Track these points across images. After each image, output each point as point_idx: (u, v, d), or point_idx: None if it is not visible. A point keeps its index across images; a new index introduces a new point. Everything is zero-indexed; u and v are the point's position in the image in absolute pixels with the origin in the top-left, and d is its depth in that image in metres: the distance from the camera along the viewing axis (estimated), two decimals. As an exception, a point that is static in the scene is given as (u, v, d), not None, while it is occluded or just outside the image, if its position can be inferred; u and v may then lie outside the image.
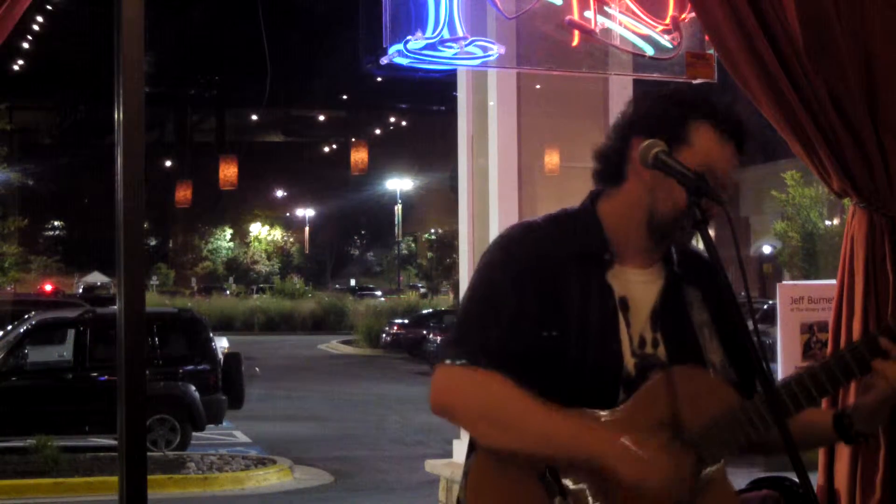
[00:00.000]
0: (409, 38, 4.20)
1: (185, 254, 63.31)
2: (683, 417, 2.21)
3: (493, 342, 2.18)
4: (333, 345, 34.59)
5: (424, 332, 29.74)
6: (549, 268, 2.25)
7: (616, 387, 2.24)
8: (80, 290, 44.76)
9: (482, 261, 2.32)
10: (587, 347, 2.23)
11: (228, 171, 25.03)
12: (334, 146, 63.81)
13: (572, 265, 2.27)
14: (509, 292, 2.22)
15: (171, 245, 64.63)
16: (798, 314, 4.16)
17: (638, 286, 2.32)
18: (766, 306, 18.41)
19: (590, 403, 2.20)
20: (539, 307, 2.21)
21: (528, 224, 2.38)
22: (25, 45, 30.47)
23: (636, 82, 4.81)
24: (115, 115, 3.36)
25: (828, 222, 24.72)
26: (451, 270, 47.39)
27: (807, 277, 23.26)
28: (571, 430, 2.13)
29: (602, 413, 2.21)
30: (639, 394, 2.23)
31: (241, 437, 15.09)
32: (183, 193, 34.37)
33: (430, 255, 54.34)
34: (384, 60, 4.30)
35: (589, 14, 4.36)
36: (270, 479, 12.05)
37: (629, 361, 2.26)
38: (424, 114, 54.83)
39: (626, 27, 4.46)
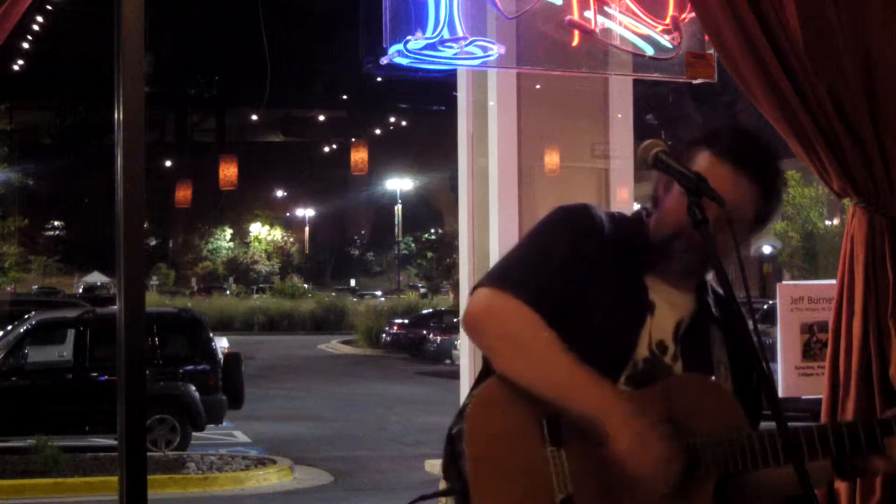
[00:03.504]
0: (409, 38, 4.20)
1: (185, 254, 63.31)
2: (692, 422, 2.22)
3: (535, 284, 2.24)
4: (333, 345, 34.60)
5: (424, 332, 29.76)
6: (600, 244, 2.33)
7: (620, 369, 2.27)
8: (80, 290, 44.77)
9: (543, 220, 2.40)
10: (608, 327, 2.28)
11: (228, 171, 25.03)
12: (334, 146, 63.81)
13: (619, 252, 2.34)
14: (563, 248, 2.31)
15: (171, 245, 64.63)
16: (798, 314, 4.16)
17: (668, 301, 2.36)
18: (766, 306, 18.40)
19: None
20: (583, 273, 2.29)
21: (589, 205, 2.46)
22: (25, 45, 30.48)
23: (636, 82, 4.81)
24: (115, 115, 3.36)
25: (828, 222, 24.74)
26: (451, 270, 47.36)
27: (807, 277, 23.27)
28: (587, 383, 2.16)
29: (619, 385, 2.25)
30: (653, 388, 2.24)
31: (241, 437, 15.09)
32: (183, 193, 34.38)
33: (430, 255, 54.35)
34: (384, 60, 4.30)
35: (589, 14, 4.36)
36: (270, 479, 12.06)
37: (641, 354, 2.29)
38: (424, 114, 54.82)
39: (626, 27, 4.46)
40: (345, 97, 62.05)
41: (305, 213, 64.52)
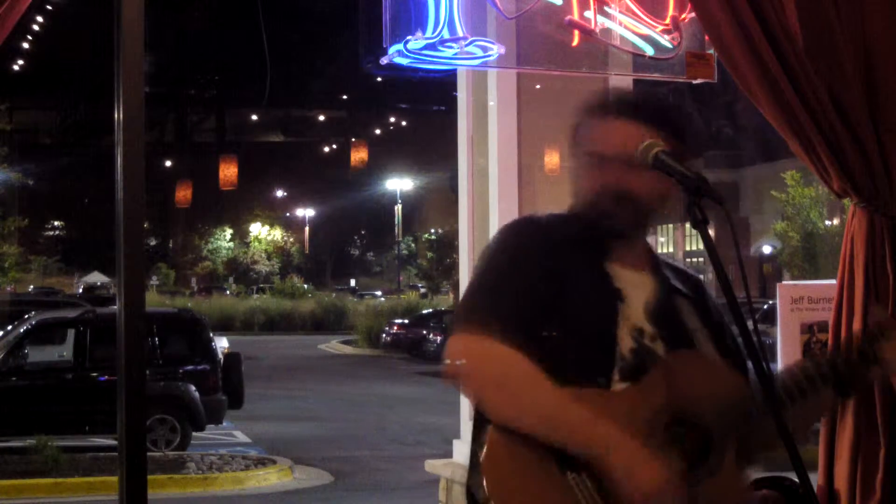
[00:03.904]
0: (409, 38, 4.20)
1: (185, 254, 63.33)
2: (695, 398, 2.23)
3: (504, 314, 2.22)
4: (333, 345, 34.59)
5: (424, 332, 29.74)
6: (553, 248, 2.33)
7: (610, 367, 2.26)
8: (80, 290, 44.78)
9: (489, 245, 2.41)
10: (586, 326, 2.28)
11: (228, 171, 25.08)
12: (334, 146, 63.83)
13: (575, 249, 2.34)
14: (518, 268, 2.30)
15: (171, 245, 64.65)
16: (798, 314, 4.16)
17: (631, 284, 2.37)
18: (766, 306, 18.40)
19: (585, 380, 2.23)
20: (545, 283, 2.27)
21: (530, 215, 2.51)
22: (25, 45, 30.48)
23: (636, 82, 4.81)
24: (115, 115, 3.36)
25: (828, 222, 24.73)
26: (451, 270, 47.38)
27: (807, 277, 23.26)
28: (576, 416, 2.15)
29: (615, 384, 2.24)
30: (649, 376, 2.25)
31: (241, 437, 15.09)
32: (183, 193, 34.38)
33: (430, 255, 54.32)
34: (384, 60, 4.30)
35: (589, 14, 4.36)
36: (270, 479, 12.05)
37: (626, 345, 2.29)
38: (424, 114, 54.83)
39: (626, 27, 4.45)
40: (345, 97, 62.08)
41: (305, 213, 64.52)
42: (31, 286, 42.01)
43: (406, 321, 32.26)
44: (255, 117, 63.11)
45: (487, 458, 2.19)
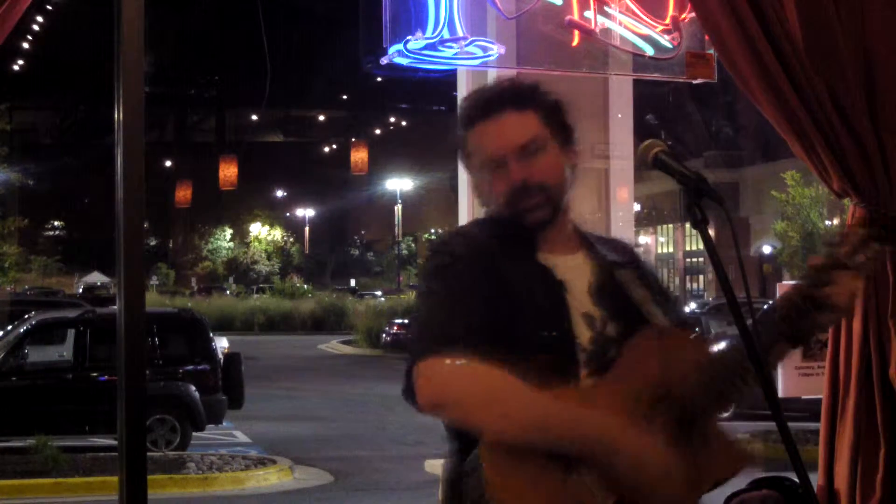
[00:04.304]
0: (409, 38, 4.20)
1: (185, 254, 63.35)
2: (667, 377, 2.21)
3: (463, 331, 2.17)
4: (333, 345, 34.58)
5: (424, 332, 29.68)
6: (488, 257, 2.28)
7: (576, 365, 2.24)
8: (80, 290, 44.78)
9: (426, 269, 2.33)
10: (542, 327, 2.24)
11: (228, 171, 25.09)
12: (334, 146, 63.83)
13: (506, 249, 2.30)
14: (464, 285, 2.23)
15: (171, 245, 64.66)
16: (798, 314, 4.15)
17: (569, 270, 2.34)
18: (766, 306, 18.38)
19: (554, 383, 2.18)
20: (492, 293, 2.23)
21: (455, 230, 2.46)
22: (25, 45, 30.48)
23: (636, 82, 4.81)
24: (115, 115, 3.36)
25: (828, 222, 24.70)
26: (451, 270, 47.21)
27: (807, 277, 23.09)
28: (570, 414, 2.12)
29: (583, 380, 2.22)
30: (615, 367, 2.22)
31: (241, 437, 15.08)
32: (183, 193, 34.39)
33: (430, 255, 54.24)
34: (384, 60, 4.30)
35: (589, 14, 4.36)
36: (270, 479, 12.05)
37: (583, 336, 2.27)
38: (424, 114, 54.87)
39: (626, 27, 4.46)
40: (345, 97, 62.07)
41: (305, 213, 64.53)
42: (26, 286, 41.94)
43: (406, 321, 32.23)
44: (255, 117, 63.09)
45: (489, 466, 2.12)
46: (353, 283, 61.10)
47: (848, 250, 2.32)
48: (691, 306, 36.52)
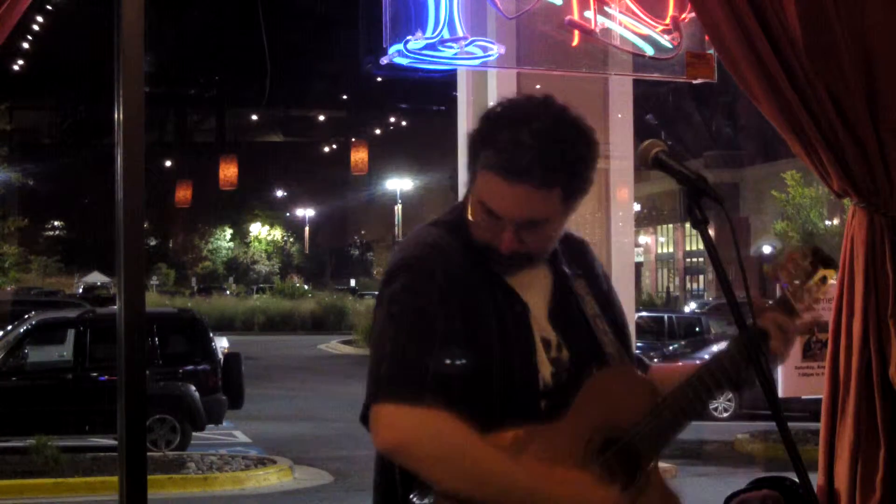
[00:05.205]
0: (409, 38, 4.20)
1: (185, 254, 63.31)
2: (618, 419, 2.19)
3: (425, 369, 2.10)
4: (333, 345, 34.57)
5: (424, 332, 29.68)
6: (459, 279, 2.20)
7: (536, 397, 2.21)
8: (80, 290, 44.75)
9: (394, 287, 2.20)
10: (509, 357, 2.19)
11: (228, 171, 25.09)
12: (334, 146, 63.79)
13: (474, 272, 2.23)
14: (436, 316, 2.14)
15: (171, 245, 64.62)
16: (798, 314, 4.15)
17: (531, 289, 2.29)
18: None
19: (513, 415, 2.15)
20: (464, 324, 2.17)
21: (422, 240, 2.28)
22: (25, 45, 30.47)
23: (636, 82, 4.82)
24: (115, 115, 3.36)
25: (828, 222, 24.71)
26: (451, 270, 47.21)
27: (807, 277, 23.07)
28: (530, 481, 2.08)
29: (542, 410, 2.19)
30: (571, 408, 2.18)
31: (241, 437, 15.08)
32: (183, 193, 34.40)
33: (430, 255, 54.25)
34: (384, 60, 4.30)
35: (589, 14, 4.36)
36: (270, 479, 12.05)
37: (545, 368, 2.24)
38: (424, 114, 54.80)
39: (626, 27, 4.46)
40: (345, 97, 62.02)
41: (305, 213, 64.51)
42: (31, 290, 41.96)
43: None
44: (255, 117, 63.06)
45: None
46: (353, 283, 61.07)
47: (807, 304, 2.35)
48: (691, 306, 36.59)
